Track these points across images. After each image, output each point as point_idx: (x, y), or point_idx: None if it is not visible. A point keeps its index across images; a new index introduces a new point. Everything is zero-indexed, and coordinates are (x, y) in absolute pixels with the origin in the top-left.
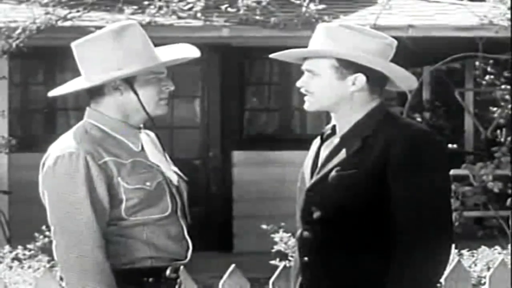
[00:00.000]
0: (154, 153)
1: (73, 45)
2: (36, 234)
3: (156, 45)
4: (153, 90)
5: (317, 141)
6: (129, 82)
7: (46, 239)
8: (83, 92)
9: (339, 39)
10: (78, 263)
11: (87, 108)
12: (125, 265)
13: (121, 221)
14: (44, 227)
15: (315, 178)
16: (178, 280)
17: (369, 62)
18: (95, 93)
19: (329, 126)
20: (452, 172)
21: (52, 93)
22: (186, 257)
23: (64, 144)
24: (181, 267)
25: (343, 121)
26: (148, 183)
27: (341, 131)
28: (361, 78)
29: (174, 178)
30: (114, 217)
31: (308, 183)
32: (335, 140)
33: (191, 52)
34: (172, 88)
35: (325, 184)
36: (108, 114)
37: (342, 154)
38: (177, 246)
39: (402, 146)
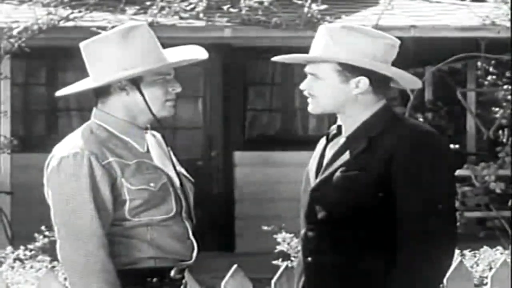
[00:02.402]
0: (160, 155)
1: (81, 45)
2: (37, 235)
3: None
4: (160, 91)
5: (322, 141)
6: (135, 82)
7: (46, 240)
8: (88, 92)
9: (341, 41)
10: (82, 263)
11: (94, 109)
12: (128, 265)
13: (125, 222)
14: (43, 228)
15: (320, 178)
16: (184, 281)
17: (372, 66)
18: (102, 93)
19: (335, 126)
20: None
21: (59, 93)
22: (191, 257)
23: (69, 145)
24: (186, 268)
25: (349, 121)
26: (152, 184)
27: (347, 131)
28: (364, 81)
29: (178, 180)
30: (118, 218)
31: (312, 183)
32: (341, 140)
33: (199, 53)
34: (179, 89)
35: (330, 185)
36: (114, 114)
37: (348, 154)
38: (182, 246)
39: (408, 148)
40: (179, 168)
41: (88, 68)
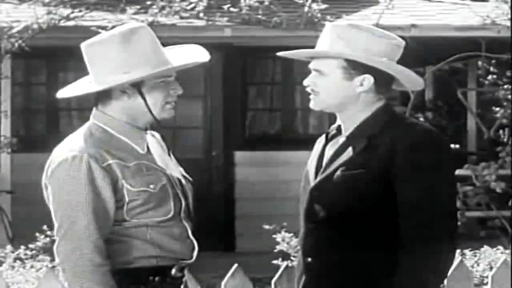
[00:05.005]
0: (160, 155)
1: (82, 45)
2: (38, 234)
3: None
4: (161, 94)
5: (321, 140)
6: (137, 86)
7: (48, 239)
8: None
9: (348, 39)
10: (77, 264)
11: (94, 109)
12: (130, 264)
13: (124, 222)
14: (45, 227)
15: (319, 177)
16: (184, 279)
17: (379, 64)
18: (102, 95)
19: (335, 125)
20: None
21: (60, 95)
22: (191, 257)
23: (68, 147)
24: (187, 267)
25: (349, 121)
26: (152, 186)
27: (346, 130)
28: (368, 79)
29: (179, 180)
30: (117, 219)
31: (312, 182)
32: (341, 139)
33: (201, 56)
34: (180, 91)
35: (330, 184)
36: (115, 116)
37: (347, 153)
38: (182, 246)
39: (408, 146)
40: (179, 168)
41: (89, 69)
